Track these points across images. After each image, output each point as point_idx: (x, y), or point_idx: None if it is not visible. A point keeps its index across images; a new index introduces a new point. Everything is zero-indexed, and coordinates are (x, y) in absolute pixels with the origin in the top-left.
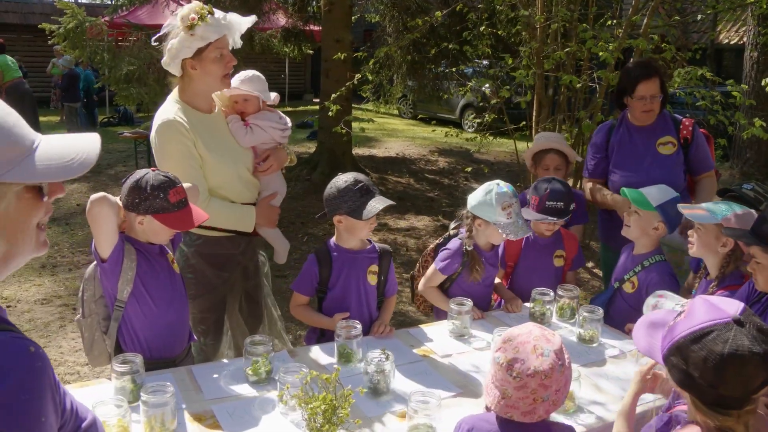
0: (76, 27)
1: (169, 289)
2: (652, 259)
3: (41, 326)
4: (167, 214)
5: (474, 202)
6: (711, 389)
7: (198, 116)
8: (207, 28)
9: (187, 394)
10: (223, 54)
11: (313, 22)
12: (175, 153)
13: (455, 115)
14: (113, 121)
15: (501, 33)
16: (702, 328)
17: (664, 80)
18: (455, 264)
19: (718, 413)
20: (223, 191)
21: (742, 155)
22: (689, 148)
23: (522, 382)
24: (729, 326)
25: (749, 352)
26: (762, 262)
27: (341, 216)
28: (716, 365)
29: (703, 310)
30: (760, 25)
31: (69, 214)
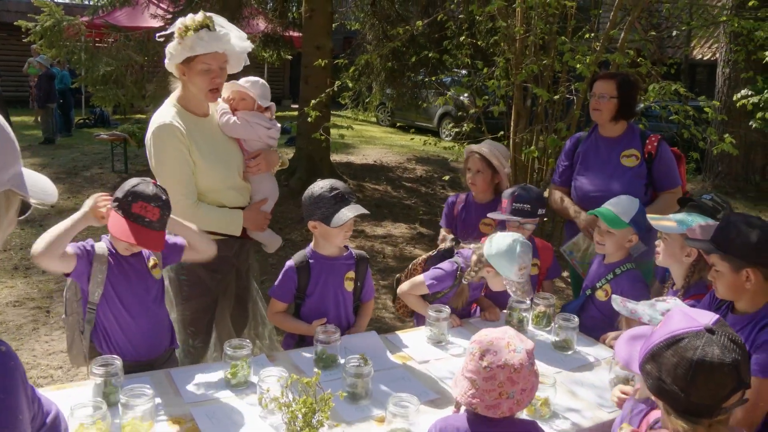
0: (53, 26)
1: (143, 294)
2: (623, 267)
3: (13, 329)
4: (121, 217)
5: (493, 252)
6: (682, 396)
7: (193, 120)
8: (196, 40)
9: (167, 397)
10: (210, 69)
11: (293, 28)
12: (170, 157)
13: (433, 124)
14: (89, 123)
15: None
16: (674, 335)
17: (631, 92)
18: (444, 286)
19: (689, 421)
20: (214, 195)
21: (714, 169)
22: (653, 162)
23: (491, 372)
24: (700, 334)
25: (718, 359)
26: (720, 270)
27: (315, 222)
28: (686, 371)
29: (678, 319)
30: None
31: (43, 215)
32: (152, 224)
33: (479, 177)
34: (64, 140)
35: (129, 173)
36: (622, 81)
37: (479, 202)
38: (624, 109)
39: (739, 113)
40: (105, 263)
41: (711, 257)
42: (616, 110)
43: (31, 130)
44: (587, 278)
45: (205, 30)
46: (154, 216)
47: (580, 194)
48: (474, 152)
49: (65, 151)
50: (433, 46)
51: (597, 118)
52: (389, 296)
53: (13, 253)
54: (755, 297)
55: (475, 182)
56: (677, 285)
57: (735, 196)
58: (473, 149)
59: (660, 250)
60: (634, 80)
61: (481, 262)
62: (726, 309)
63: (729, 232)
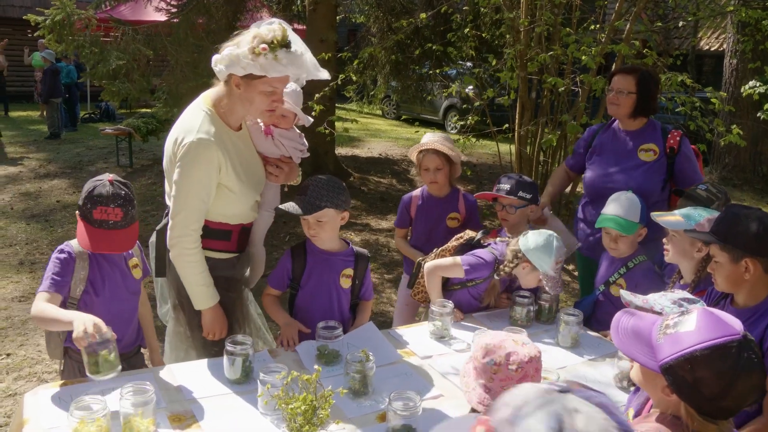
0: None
1: (121, 291)
2: (636, 260)
3: (18, 324)
4: (87, 225)
5: (531, 246)
6: (712, 401)
7: (229, 134)
8: (272, 62)
9: (167, 393)
10: (275, 91)
11: (298, 21)
12: (199, 180)
13: (439, 117)
14: (94, 117)
15: (485, 35)
16: (718, 343)
17: (651, 88)
18: (479, 275)
19: (708, 422)
20: (234, 217)
21: (721, 160)
22: (675, 158)
23: (523, 371)
24: (742, 343)
25: (758, 368)
26: (720, 261)
27: None
28: (729, 379)
29: (711, 323)
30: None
31: (48, 210)
32: (117, 224)
33: (440, 174)
34: (69, 135)
35: (134, 167)
36: (642, 76)
37: (438, 196)
38: (643, 105)
39: (746, 104)
40: (87, 260)
41: (711, 248)
42: (635, 106)
43: (36, 125)
44: (598, 274)
45: (284, 51)
46: (116, 216)
47: (595, 184)
48: (429, 150)
49: (70, 146)
50: (438, 39)
51: (615, 113)
52: (394, 290)
53: (18, 248)
54: (754, 289)
55: (436, 180)
56: (686, 280)
57: (742, 187)
58: (427, 147)
59: (669, 248)
60: (655, 76)
61: (518, 258)
62: (725, 302)
63: (728, 222)
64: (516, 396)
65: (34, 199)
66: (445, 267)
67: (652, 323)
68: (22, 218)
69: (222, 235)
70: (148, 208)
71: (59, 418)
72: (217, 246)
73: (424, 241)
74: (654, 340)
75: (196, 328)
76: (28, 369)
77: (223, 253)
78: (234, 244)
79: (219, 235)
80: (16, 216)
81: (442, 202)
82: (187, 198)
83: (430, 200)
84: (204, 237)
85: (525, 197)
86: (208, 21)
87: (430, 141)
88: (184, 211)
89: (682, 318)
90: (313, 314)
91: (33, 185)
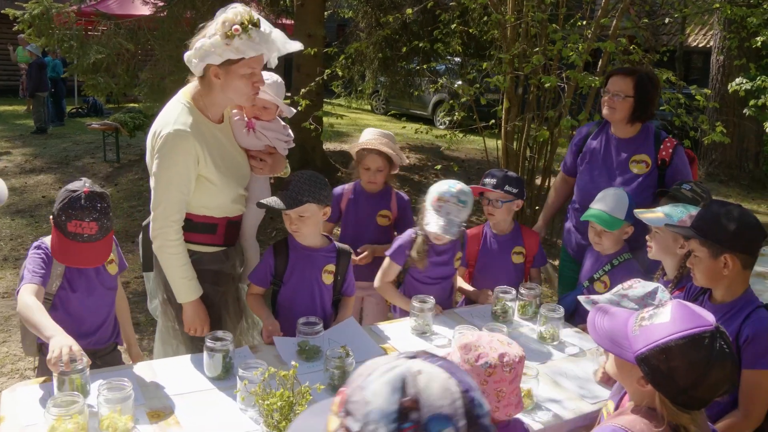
0: (42, 14)
1: (97, 288)
2: (621, 257)
3: (2, 320)
4: (60, 235)
5: (428, 193)
6: (686, 391)
7: (208, 126)
8: (247, 42)
9: (146, 389)
10: (254, 72)
11: (286, 15)
12: (176, 172)
13: (428, 112)
14: (82, 112)
15: (473, 31)
16: (693, 333)
17: (650, 91)
18: (405, 250)
19: (682, 412)
20: (217, 210)
21: (708, 156)
22: (666, 170)
23: (515, 372)
24: (715, 334)
25: (730, 358)
26: (699, 255)
27: None
28: (704, 369)
29: (685, 315)
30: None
31: (34, 206)
32: (92, 237)
33: (380, 175)
34: (56, 130)
35: (121, 162)
36: (640, 79)
37: (371, 192)
38: (640, 110)
39: (733, 101)
40: None
41: (690, 243)
42: (632, 111)
43: (22, 120)
44: (583, 270)
45: (255, 30)
46: (91, 230)
47: (582, 195)
48: (372, 150)
49: (57, 141)
50: (426, 34)
51: (610, 117)
52: None
53: (2, 244)
54: (732, 285)
55: (375, 180)
56: (669, 276)
57: (729, 183)
58: (371, 148)
59: (652, 244)
60: (654, 78)
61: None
62: (704, 298)
63: (709, 218)
64: (368, 366)
65: (19, 194)
66: (384, 273)
67: (628, 316)
68: (6, 214)
69: (207, 228)
70: (135, 204)
71: (37, 416)
72: (203, 239)
73: (352, 237)
74: (630, 332)
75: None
76: (10, 366)
77: (210, 246)
78: (220, 238)
79: (204, 229)
80: (1, 211)
81: (374, 198)
82: (166, 189)
83: (362, 196)
84: (189, 231)
85: (511, 191)
86: (194, 15)
87: (374, 141)
88: (164, 202)
89: (657, 310)
90: (295, 310)
91: (18, 180)
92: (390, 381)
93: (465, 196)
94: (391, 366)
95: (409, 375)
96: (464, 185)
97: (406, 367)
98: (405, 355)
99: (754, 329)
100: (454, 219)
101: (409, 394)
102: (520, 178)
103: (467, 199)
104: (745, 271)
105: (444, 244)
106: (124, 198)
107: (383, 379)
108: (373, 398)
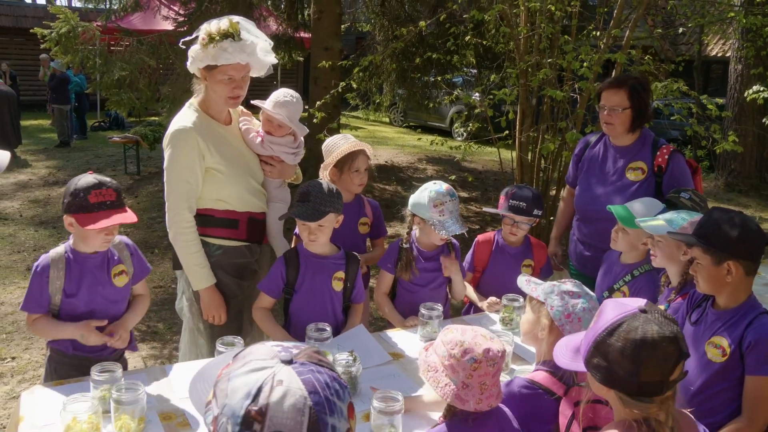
0: (68, 32)
1: (99, 300)
2: (642, 268)
3: (24, 328)
4: (84, 214)
5: (412, 201)
6: (632, 378)
7: (214, 126)
8: (219, 51)
9: (159, 392)
10: (231, 78)
11: (304, 29)
12: (179, 163)
13: (446, 124)
14: (104, 126)
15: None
16: (613, 322)
17: (644, 97)
18: (392, 259)
19: (643, 402)
20: (238, 202)
21: (727, 166)
22: (663, 176)
23: (497, 366)
24: (636, 316)
25: (659, 334)
26: (702, 263)
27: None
28: (633, 352)
29: (611, 308)
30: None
31: (57, 218)
32: (114, 204)
33: (366, 176)
34: (79, 143)
35: (141, 175)
36: (633, 88)
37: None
38: (639, 117)
39: (752, 110)
40: (62, 269)
41: (693, 250)
42: (631, 121)
43: (47, 133)
44: (600, 278)
45: (229, 41)
46: (111, 196)
47: (581, 206)
48: (360, 151)
49: (80, 154)
50: (441, 46)
51: (611, 132)
52: None
53: (26, 254)
54: (735, 292)
55: (365, 181)
56: (673, 283)
57: (749, 194)
58: (360, 148)
59: (656, 252)
60: (643, 82)
61: (409, 218)
62: (707, 305)
63: (711, 225)
64: (249, 353)
65: (42, 206)
66: (378, 283)
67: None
68: (31, 225)
69: (229, 223)
70: (155, 215)
71: (54, 416)
72: (226, 234)
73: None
74: (580, 347)
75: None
76: (32, 372)
77: (233, 241)
78: (243, 233)
79: (226, 224)
80: (25, 222)
81: (352, 207)
82: (174, 180)
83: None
84: (212, 225)
85: (538, 214)
86: None
87: (357, 142)
88: (173, 192)
89: (593, 316)
90: (308, 318)
91: (42, 192)
92: (249, 383)
93: (452, 190)
94: (261, 365)
95: (267, 384)
96: (441, 182)
97: (271, 373)
98: (282, 357)
99: (757, 335)
100: (456, 213)
101: (259, 404)
102: (541, 196)
103: (454, 191)
104: (748, 278)
105: (431, 251)
106: (144, 210)
107: (246, 378)
108: (231, 393)
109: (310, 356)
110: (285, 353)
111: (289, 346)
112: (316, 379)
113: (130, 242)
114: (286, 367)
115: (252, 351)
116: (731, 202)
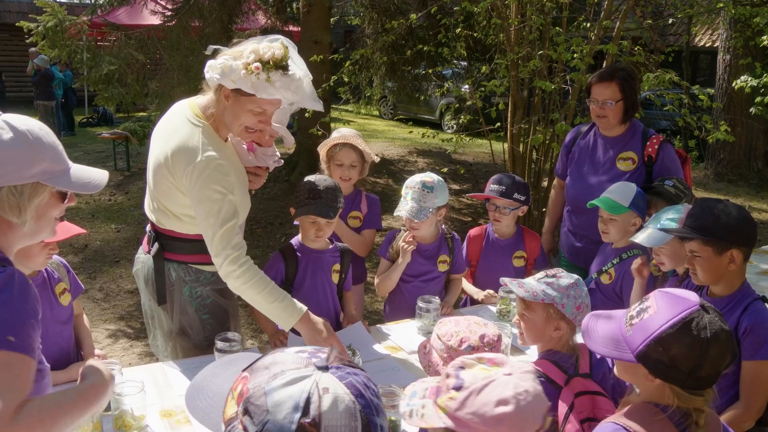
0: (55, 26)
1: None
2: (630, 252)
3: None
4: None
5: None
6: (694, 373)
7: (222, 147)
8: (264, 83)
9: (159, 389)
10: (264, 112)
11: (293, 23)
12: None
13: (435, 116)
14: (92, 122)
15: (477, 35)
16: (681, 318)
17: (634, 87)
18: (388, 244)
19: (695, 395)
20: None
21: (716, 156)
22: (653, 166)
23: (495, 350)
24: (701, 312)
25: (725, 331)
26: (702, 255)
27: (293, 209)
28: (701, 349)
29: (670, 303)
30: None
31: None
32: None
33: (354, 171)
34: (67, 139)
35: (131, 171)
36: (623, 80)
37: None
38: (630, 108)
39: (740, 100)
40: None
41: (690, 244)
42: (623, 113)
43: None
44: (594, 264)
45: (279, 73)
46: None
47: (573, 196)
48: (345, 144)
49: (68, 150)
50: (431, 39)
51: (604, 125)
52: None
53: None
54: (733, 279)
55: (349, 177)
56: (679, 271)
57: (737, 183)
58: (343, 142)
59: (662, 259)
60: (631, 71)
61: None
62: (701, 293)
63: (707, 216)
64: (276, 363)
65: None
66: (382, 271)
67: (619, 319)
68: None
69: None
70: None
71: None
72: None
73: None
74: (624, 333)
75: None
76: None
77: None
78: None
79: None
80: None
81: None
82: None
83: None
84: (199, 252)
85: (519, 199)
86: (202, 24)
87: (345, 135)
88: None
89: (642, 305)
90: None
91: None
92: (294, 396)
93: (431, 183)
94: (299, 375)
95: (314, 393)
96: (435, 175)
97: (314, 381)
98: (317, 363)
99: (752, 320)
100: (422, 204)
101: (311, 416)
102: (527, 184)
103: (434, 185)
104: (744, 264)
105: (427, 244)
106: (134, 206)
107: (288, 390)
108: (273, 409)
109: (341, 359)
110: (317, 359)
111: (313, 351)
112: (357, 382)
113: (64, 260)
114: (325, 374)
115: (278, 361)
116: (721, 192)
